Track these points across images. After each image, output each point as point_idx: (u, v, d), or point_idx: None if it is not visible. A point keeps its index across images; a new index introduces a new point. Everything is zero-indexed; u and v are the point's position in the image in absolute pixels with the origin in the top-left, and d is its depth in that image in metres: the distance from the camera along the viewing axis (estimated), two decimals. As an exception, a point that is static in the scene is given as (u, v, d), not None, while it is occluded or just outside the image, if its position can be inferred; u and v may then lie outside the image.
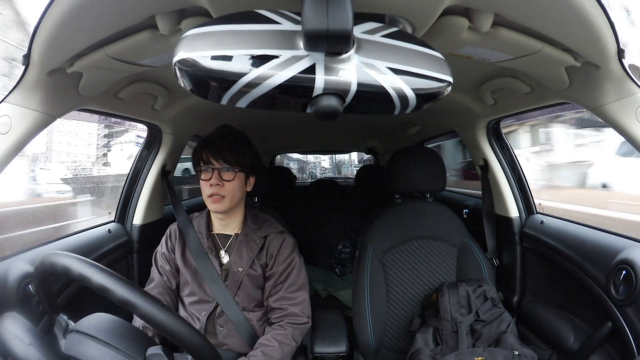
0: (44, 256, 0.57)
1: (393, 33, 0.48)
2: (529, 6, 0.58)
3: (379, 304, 1.22)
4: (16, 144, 0.72)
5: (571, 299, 1.09)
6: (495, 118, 1.29)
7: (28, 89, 0.72)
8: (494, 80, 1.05)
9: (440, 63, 0.48)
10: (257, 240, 1.04)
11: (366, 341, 1.19)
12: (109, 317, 0.63)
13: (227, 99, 0.43)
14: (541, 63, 0.77)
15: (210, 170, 0.98)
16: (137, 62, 0.76)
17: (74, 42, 0.65)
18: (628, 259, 0.87)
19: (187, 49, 0.40)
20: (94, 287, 0.52)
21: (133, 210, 1.36)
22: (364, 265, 1.25)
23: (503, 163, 1.36)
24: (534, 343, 1.17)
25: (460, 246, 1.30)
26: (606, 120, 0.79)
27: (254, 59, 0.41)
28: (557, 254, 1.11)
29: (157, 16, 0.61)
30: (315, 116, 0.45)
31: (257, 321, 1.03)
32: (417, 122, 1.91)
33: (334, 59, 0.43)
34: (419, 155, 1.35)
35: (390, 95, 0.45)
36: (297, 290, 1.03)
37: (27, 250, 0.92)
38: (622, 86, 0.73)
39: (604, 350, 0.94)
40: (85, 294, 0.99)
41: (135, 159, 1.40)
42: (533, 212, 1.33)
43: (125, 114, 1.10)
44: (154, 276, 1.06)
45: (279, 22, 0.44)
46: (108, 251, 1.18)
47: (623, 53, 0.67)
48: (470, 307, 1.13)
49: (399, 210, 1.36)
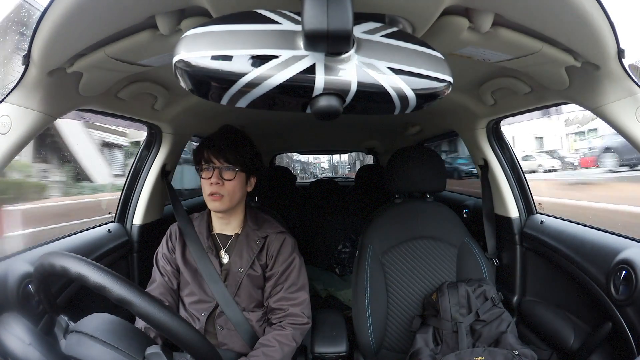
0: (43, 256, 0.57)
1: (393, 33, 0.48)
2: (529, 6, 0.58)
3: (379, 304, 1.22)
4: (16, 144, 0.72)
5: (571, 299, 1.09)
6: (495, 118, 1.29)
7: (28, 89, 0.72)
8: (494, 80, 1.05)
9: (440, 63, 0.48)
10: (257, 240, 1.04)
11: (366, 341, 1.19)
12: (108, 317, 0.63)
13: (227, 99, 0.43)
14: (541, 63, 0.77)
15: (211, 169, 0.98)
16: (137, 62, 0.76)
17: (74, 42, 0.65)
18: (628, 259, 0.87)
19: (187, 49, 0.40)
20: (91, 286, 0.52)
21: (133, 210, 1.36)
22: (364, 265, 1.25)
23: (503, 163, 1.36)
24: (534, 343, 1.17)
25: (460, 246, 1.30)
26: (606, 120, 0.79)
27: (254, 59, 0.41)
28: (557, 254, 1.11)
29: (157, 16, 0.61)
30: (315, 116, 0.45)
31: (257, 321, 1.03)
32: (417, 122, 1.91)
33: (334, 59, 0.43)
34: (419, 155, 1.35)
35: (390, 95, 0.45)
36: (297, 290, 1.03)
37: (27, 250, 0.92)
38: (622, 86, 0.73)
39: (604, 350, 0.94)
40: (85, 294, 0.99)
41: (135, 158, 1.40)
42: (533, 212, 1.33)
43: (126, 113, 1.10)
44: (156, 277, 1.06)
45: (279, 22, 0.43)
46: (108, 251, 1.18)
47: (623, 53, 0.67)
48: (470, 307, 1.13)
49: (399, 210, 1.36)
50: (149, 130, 1.36)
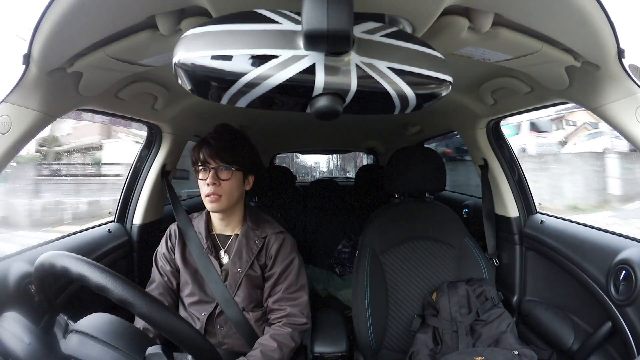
0: (43, 256, 0.56)
1: (393, 33, 0.48)
2: (529, 6, 0.58)
3: (379, 303, 1.22)
4: (16, 143, 0.72)
5: (571, 299, 1.09)
6: (495, 118, 1.29)
7: (28, 89, 0.72)
8: (494, 80, 1.05)
9: (440, 63, 0.48)
10: (257, 240, 1.04)
11: (366, 341, 1.19)
12: (108, 317, 0.63)
13: (227, 99, 0.43)
14: (541, 63, 0.77)
15: (207, 170, 0.97)
16: (137, 62, 0.76)
17: (74, 42, 0.65)
18: (628, 259, 0.87)
19: (187, 49, 0.40)
20: (92, 286, 0.52)
21: (133, 210, 1.36)
22: (364, 265, 1.25)
23: (503, 163, 1.36)
24: (534, 343, 1.17)
25: (460, 246, 1.30)
26: (606, 120, 0.79)
27: (253, 59, 0.41)
28: (557, 254, 1.11)
29: (157, 16, 0.61)
30: (315, 116, 0.45)
31: (256, 321, 1.03)
32: (417, 122, 1.90)
33: (333, 59, 0.43)
34: (419, 155, 1.35)
35: (390, 95, 0.45)
36: (296, 291, 1.03)
37: (27, 250, 0.92)
38: (622, 86, 0.73)
39: (604, 350, 0.94)
40: (85, 294, 0.99)
41: (135, 158, 1.40)
42: (533, 212, 1.33)
43: (125, 113, 1.10)
44: (155, 277, 1.06)
45: (278, 21, 0.43)
46: (108, 251, 1.18)
47: (623, 53, 0.67)
48: (470, 307, 1.13)
49: (399, 210, 1.36)
50: (149, 130, 1.36)
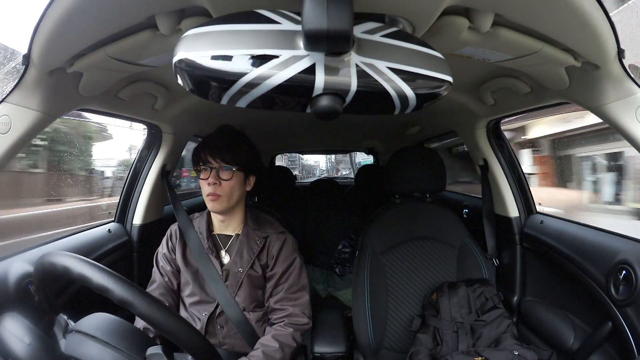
0: (43, 256, 0.57)
1: (393, 33, 0.48)
2: (529, 6, 0.58)
3: (379, 304, 1.22)
4: (16, 143, 0.72)
5: (571, 299, 1.09)
6: (495, 118, 1.29)
7: (28, 89, 0.72)
8: (494, 80, 1.05)
9: (440, 63, 0.48)
10: (258, 240, 1.04)
11: (366, 341, 1.19)
12: (109, 317, 0.63)
13: (227, 99, 0.43)
14: (541, 63, 0.77)
15: (208, 170, 0.98)
16: (137, 62, 0.76)
17: (74, 42, 0.65)
18: (628, 259, 0.87)
19: (187, 49, 0.40)
20: (93, 287, 0.52)
21: (133, 210, 1.36)
22: (364, 265, 1.25)
23: (503, 163, 1.36)
24: (534, 343, 1.17)
25: (460, 246, 1.30)
26: (606, 120, 0.79)
27: (253, 59, 0.41)
28: (557, 254, 1.11)
29: (157, 16, 0.61)
30: (315, 116, 0.45)
31: (257, 321, 1.03)
32: (417, 122, 1.90)
33: (333, 59, 0.43)
34: (419, 156, 1.35)
35: (390, 95, 0.45)
36: (298, 291, 1.03)
37: (27, 250, 0.92)
38: (622, 86, 0.73)
39: (604, 350, 0.94)
40: (85, 294, 0.99)
41: (135, 158, 1.40)
42: (533, 212, 1.33)
43: (126, 113, 1.10)
44: (155, 277, 1.06)
45: (279, 22, 0.43)
46: (108, 251, 1.18)
47: (623, 53, 0.67)
48: (470, 307, 1.13)
49: (399, 210, 1.36)
50: (149, 130, 1.36)
